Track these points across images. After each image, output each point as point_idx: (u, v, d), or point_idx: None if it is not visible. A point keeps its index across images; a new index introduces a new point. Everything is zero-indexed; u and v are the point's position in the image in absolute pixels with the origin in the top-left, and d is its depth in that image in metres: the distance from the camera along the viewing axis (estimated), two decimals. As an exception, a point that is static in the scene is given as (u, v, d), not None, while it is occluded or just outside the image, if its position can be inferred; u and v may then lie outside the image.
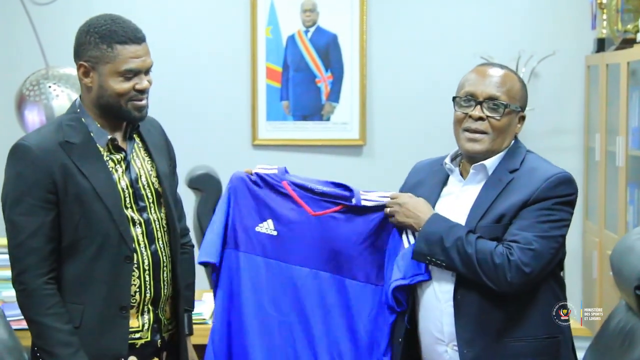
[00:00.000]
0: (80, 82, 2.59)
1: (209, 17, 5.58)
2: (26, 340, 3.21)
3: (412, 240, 2.65)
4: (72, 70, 4.23)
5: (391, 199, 2.70)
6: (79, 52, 2.56)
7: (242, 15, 5.53)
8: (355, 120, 5.57)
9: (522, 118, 2.68)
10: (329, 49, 5.55)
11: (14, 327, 3.26)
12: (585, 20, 5.42)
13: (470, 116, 2.62)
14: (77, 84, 4.14)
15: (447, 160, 2.73)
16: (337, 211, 2.74)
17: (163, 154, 2.74)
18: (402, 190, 2.85)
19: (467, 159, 2.69)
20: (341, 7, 5.52)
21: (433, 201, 2.70)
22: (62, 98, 4.15)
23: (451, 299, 2.60)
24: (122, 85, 2.52)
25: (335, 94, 5.57)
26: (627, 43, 4.87)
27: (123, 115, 2.57)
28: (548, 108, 5.48)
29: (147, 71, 2.57)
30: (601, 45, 5.25)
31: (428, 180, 2.77)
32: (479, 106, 2.61)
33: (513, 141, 2.68)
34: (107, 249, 2.52)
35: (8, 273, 3.44)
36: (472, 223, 2.58)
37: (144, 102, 2.57)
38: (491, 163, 2.63)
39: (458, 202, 2.66)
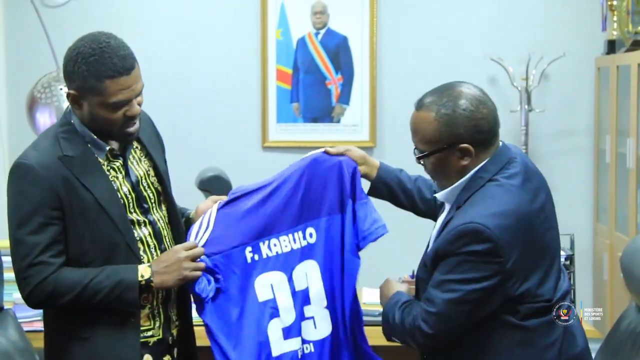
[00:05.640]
0: (71, 105, 2.52)
1: (219, 20, 5.59)
2: (37, 342, 3.23)
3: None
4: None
5: None
6: (68, 79, 2.48)
7: (252, 18, 5.54)
8: (366, 122, 5.57)
9: (465, 150, 2.43)
10: (339, 51, 5.55)
11: (25, 328, 3.27)
12: (595, 22, 5.42)
13: None
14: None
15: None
16: None
17: (157, 149, 2.73)
18: None
19: None
20: (351, 9, 5.52)
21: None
22: (73, 100, 4.16)
23: None
24: (112, 115, 2.47)
25: (345, 96, 5.57)
26: (638, 45, 4.87)
27: (113, 139, 2.55)
28: (558, 110, 5.47)
29: (137, 95, 2.50)
30: (611, 46, 5.25)
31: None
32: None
33: (474, 171, 2.42)
34: (115, 261, 2.50)
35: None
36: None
37: (135, 127, 2.53)
38: (443, 196, 2.50)
39: (434, 232, 2.59)
